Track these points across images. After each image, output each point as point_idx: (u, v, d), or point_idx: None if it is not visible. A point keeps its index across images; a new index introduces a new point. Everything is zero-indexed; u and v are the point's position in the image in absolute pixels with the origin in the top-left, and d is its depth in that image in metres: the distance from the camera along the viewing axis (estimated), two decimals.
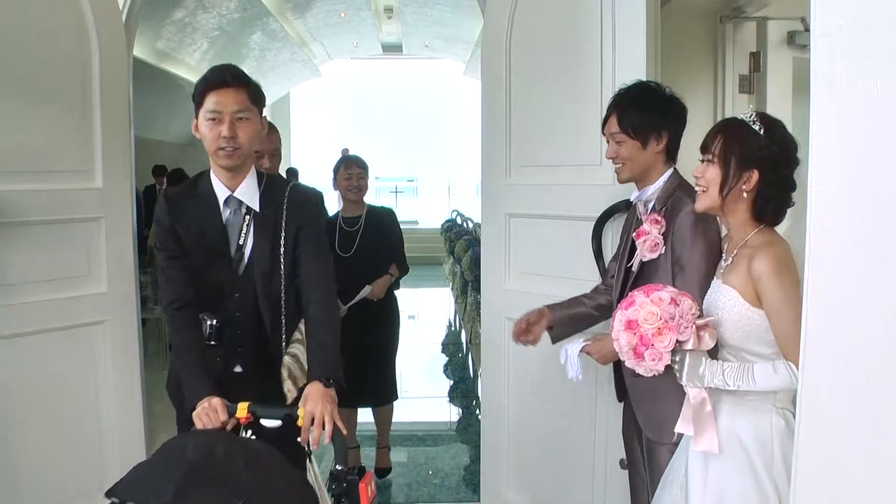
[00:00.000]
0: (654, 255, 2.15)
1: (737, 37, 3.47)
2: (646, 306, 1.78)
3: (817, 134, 1.15)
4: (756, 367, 1.78)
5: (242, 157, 2.11)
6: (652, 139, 2.19)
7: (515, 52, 3.02)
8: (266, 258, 2.15)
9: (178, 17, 8.97)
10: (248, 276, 2.16)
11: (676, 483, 1.97)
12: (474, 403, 5.59)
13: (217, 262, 2.14)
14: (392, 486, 3.99)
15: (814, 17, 1.14)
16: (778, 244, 1.81)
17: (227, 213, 2.16)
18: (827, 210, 1.15)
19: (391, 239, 3.94)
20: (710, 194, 1.86)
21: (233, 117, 2.04)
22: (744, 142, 1.81)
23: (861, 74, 1.08)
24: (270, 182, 2.22)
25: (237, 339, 2.18)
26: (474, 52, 12.58)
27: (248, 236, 2.15)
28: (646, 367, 1.81)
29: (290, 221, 2.16)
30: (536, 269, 3.03)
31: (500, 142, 3.10)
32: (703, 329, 1.81)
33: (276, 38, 12.16)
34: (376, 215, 3.92)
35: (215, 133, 2.04)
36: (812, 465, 1.23)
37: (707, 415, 1.85)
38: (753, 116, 1.84)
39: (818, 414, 1.22)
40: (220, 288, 2.16)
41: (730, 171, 1.81)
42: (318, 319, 2.12)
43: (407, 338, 8.36)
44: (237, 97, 2.06)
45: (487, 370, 3.32)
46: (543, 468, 3.06)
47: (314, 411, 1.87)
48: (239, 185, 2.15)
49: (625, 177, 2.27)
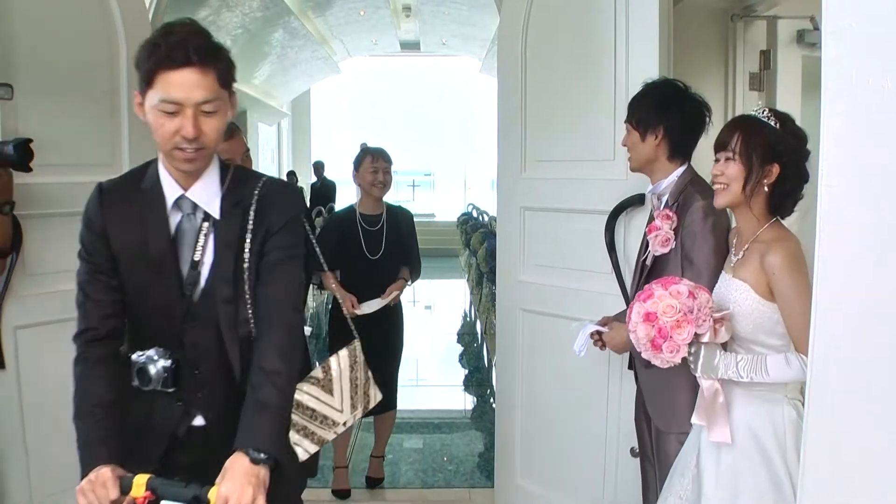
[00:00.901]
0: (665, 250, 2.18)
1: (747, 35, 3.48)
2: (664, 299, 1.80)
3: (828, 131, 1.14)
4: (769, 359, 1.81)
5: (207, 158, 1.59)
6: (649, 133, 2.26)
7: (531, 50, 3.06)
8: (228, 279, 1.61)
9: (202, 15, 9.09)
10: (207, 301, 1.62)
11: (687, 474, 1.99)
12: (489, 392, 5.63)
13: (163, 282, 1.61)
14: (408, 472, 4.06)
15: (825, 15, 1.14)
16: (790, 239, 1.84)
17: (176, 217, 1.62)
18: (837, 206, 1.15)
19: (409, 241, 3.77)
20: (731, 190, 1.88)
21: (197, 110, 1.50)
22: (763, 137, 1.84)
23: (871, 72, 1.07)
24: (238, 178, 1.67)
25: (197, 382, 1.64)
26: (490, 49, 12.60)
27: (207, 249, 1.61)
28: (663, 358, 1.83)
29: (259, 227, 1.63)
30: (551, 262, 3.06)
31: (516, 137, 3.14)
32: (719, 322, 1.83)
33: (297, 36, 12.27)
34: (395, 214, 3.75)
35: (171, 129, 1.50)
36: (819, 455, 1.23)
37: (720, 406, 1.87)
38: (767, 112, 1.88)
39: (826, 407, 1.21)
40: (169, 316, 1.62)
41: (752, 167, 1.84)
42: (267, 368, 1.55)
43: (424, 328, 8.52)
44: (204, 82, 1.49)
45: (502, 360, 3.37)
46: (556, 456, 3.09)
47: (229, 496, 1.37)
48: (194, 184, 1.61)
49: (632, 166, 2.38)
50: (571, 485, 3.04)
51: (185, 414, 1.67)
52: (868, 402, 1.13)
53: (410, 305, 9.80)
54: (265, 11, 10.25)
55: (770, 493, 1.81)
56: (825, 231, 1.17)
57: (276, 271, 1.63)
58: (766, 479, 1.82)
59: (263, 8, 10.07)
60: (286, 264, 1.64)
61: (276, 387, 1.54)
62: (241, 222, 1.62)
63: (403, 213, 3.84)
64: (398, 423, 4.80)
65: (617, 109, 2.70)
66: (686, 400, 2.14)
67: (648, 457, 2.42)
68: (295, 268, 1.66)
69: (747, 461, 1.85)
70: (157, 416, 1.66)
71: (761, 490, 1.82)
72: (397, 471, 4.08)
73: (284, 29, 11.53)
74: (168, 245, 1.61)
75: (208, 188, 1.63)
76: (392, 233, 3.67)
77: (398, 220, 3.74)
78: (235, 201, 1.63)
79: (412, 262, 3.75)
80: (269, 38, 11.69)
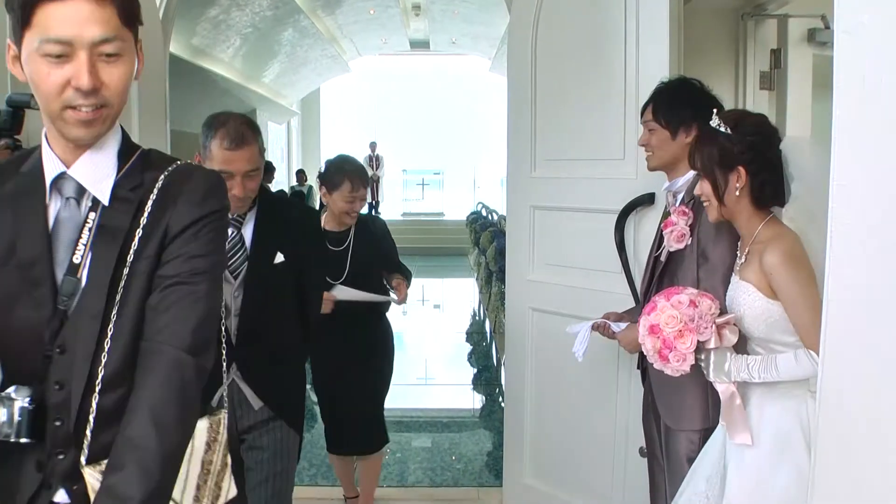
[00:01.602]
0: (681, 246, 2.18)
1: (758, 34, 3.46)
2: (666, 310, 1.84)
3: (839, 130, 1.14)
4: (779, 357, 1.82)
5: (109, 122, 1.19)
6: (681, 131, 2.25)
7: (541, 49, 3.06)
8: (102, 287, 1.16)
9: (212, 14, 9.14)
10: (80, 319, 1.17)
11: (716, 474, 1.98)
12: (497, 391, 5.63)
13: (33, 294, 1.17)
14: (417, 471, 4.07)
15: (837, 14, 1.14)
16: (786, 236, 1.85)
17: (56, 204, 1.21)
18: (848, 206, 1.15)
19: (385, 251, 3.29)
20: (713, 205, 1.93)
21: (93, 53, 1.12)
22: (718, 147, 1.88)
23: (884, 71, 1.07)
24: (148, 159, 1.27)
25: (59, 437, 1.17)
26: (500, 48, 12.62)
27: (88, 249, 1.18)
28: (672, 367, 1.87)
29: (155, 223, 1.19)
30: (560, 261, 3.06)
31: (526, 136, 3.14)
32: (723, 327, 1.85)
33: (307, 35, 12.31)
34: (365, 229, 3.19)
35: (58, 80, 1.11)
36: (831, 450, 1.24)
37: (738, 408, 1.88)
38: (717, 120, 1.91)
39: (837, 403, 1.22)
40: (34, 339, 1.17)
41: (717, 179, 1.89)
42: (131, 436, 1.09)
43: (432, 327, 8.52)
44: (100, 14, 1.11)
45: (511, 359, 3.38)
46: (564, 455, 3.10)
47: None
48: (79, 157, 1.20)
49: (653, 164, 2.35)
50: (580, 484, 3.05)
51: (42, 485, 1.18)
52: (879, 398, 1.13)
53: (419, 304, 9.84)
54: (275, 10, 10.29)
55: (797, 492, 1.80)
56: (836, 229, 1.17)
57: (172, 293, 1.17)
58: (794, 479, 1.81)
59: (273, 7, 10.12)
60: (188, 284, 1.18)
61: (139, 468, 1.07)
62: (135, 212, 1.19)
63: (373, 221, 3.43)
64: (407, 421, 4.84)
65: (627, 108, 2.71)
66: (696, 398, 2.15)
67: (657, 456, 2.41)
68: (200, 291, 1.19)
69: (772, 464, 1.85)
70: (4, 483, 1.19)
71: (788, 490, 1.82)
72: (406, 469, 4.09)
73: (294, 28, 11.58)
74: (44, 243, 1.18)
75: (100, 164, 1.21)
76: (361, 252, 3.13)
77: (368, 231, 3.21)
78: (133, 185, 1.21)
79: (396, 270, 3.30)
80: (278, 36, 11.74)
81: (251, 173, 2.07)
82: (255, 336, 2.16)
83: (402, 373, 6.20)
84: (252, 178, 2.08)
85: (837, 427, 1.22)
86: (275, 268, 2.17)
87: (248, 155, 2.05)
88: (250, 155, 2.05)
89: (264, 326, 2.17)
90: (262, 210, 2.18)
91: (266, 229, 2.17)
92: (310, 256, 2.35)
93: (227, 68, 10.93)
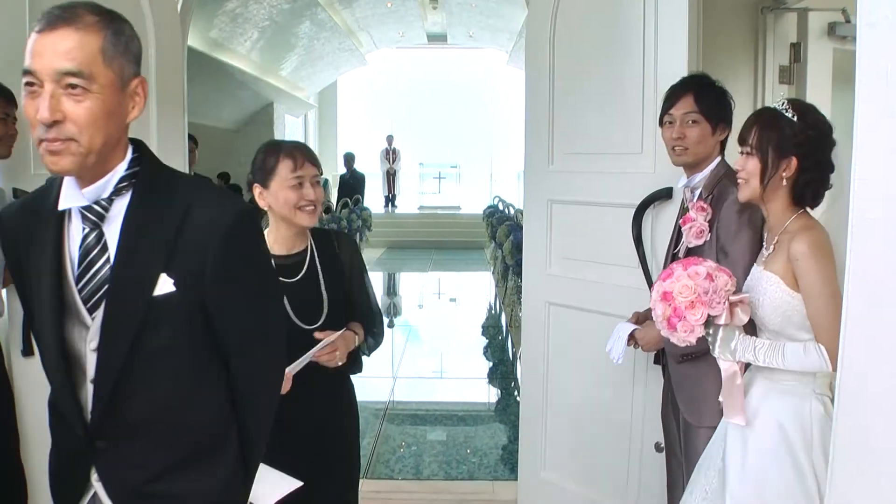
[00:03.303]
0: (700, 242, 2.18)
1: (777, 28, 3.42)
2: (682, 279, 1.82)
3: (861, 123, 1.14)
4: (788, 345, 1.81)
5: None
6: (720, 127, 2.23)
7: (559, 42, 3.05)
8: None
9: (230, 7, 9.17)
10: None
11: (713, 468, 1.99)
12: (513, 385, 5.63)
13: None
14: (432, 464, 4.08)
15: (860, 7, 1.13)
16: (816, 228, 1.84)
17: None
18: (870, 199, 1.14)
19: (352, 285, 2.24)
20: (751, 185, 1.90)
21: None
22: (779, 130, 1.84)
23: None
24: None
25: None
26: (517, 41, 12.58)
27: None
28: (678, 337, 1.85)
29: None
30: (577, 255, 3.05)
31: (543, 130, 3.12)
32: (736, 305, 1.84)
33: (324, 28, 12.33)
34: (326, 242, 2.22)
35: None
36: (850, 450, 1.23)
37: (738, 388, 1.88)
38: (786, 104, 1.87)
39: (856, 400, 1.21)
40: None
41: (768, 161, 1.85)
42: None
43: (448, 320, 8.53)
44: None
45: (527, 353, 3.36)
46: (580, 449, 3.09)
47: None
48: None
49: (683, 160, 2.27)
50: (596, 479, 3.04)
51: None
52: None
53: (435, 298, 9.86)
54: (292, 3, 10.32)
55: (796, 488, 1.81)
56: (857, 223, 1.17)
57: None
58: (792, 475, 1.81)
59: (290, 0, 10.14)
60: None
61: None
62: None
63: (337, 237, 2.29)
64: (423, 414, 4.86)
65: (645, 102, 2.70)
66: (716, 394, 2.14)
67: (675, 452, 2.41)
68: None
69: (774, 456, 1.84)
70: None
71: (787, 485, 1.82)
72: (421, 462, 4.10)
73: (311, 21, 11.60)
74: None
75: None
76: (332, 280, 2.17)
77: (330, 252, 2.21)
78: None
79: (364, 316, 2.26)
80: (295, 29, 11.76)
81: None
82: (124, 427, 1.32)
83: (417, 366, 6.27)
84: None
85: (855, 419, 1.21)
86: (155, 302, 1.28)
87: None
88: None
89: (138, 412, 1.32)
90: (138, 195, 1.30)
91: (140, 230, 1.29)
92: (234, 288, 1.35)
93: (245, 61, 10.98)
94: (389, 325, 8.20)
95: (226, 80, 10.33)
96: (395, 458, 4.13)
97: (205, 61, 9.36)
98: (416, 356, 6.69)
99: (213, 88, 9.81)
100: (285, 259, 2.12)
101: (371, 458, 4.09)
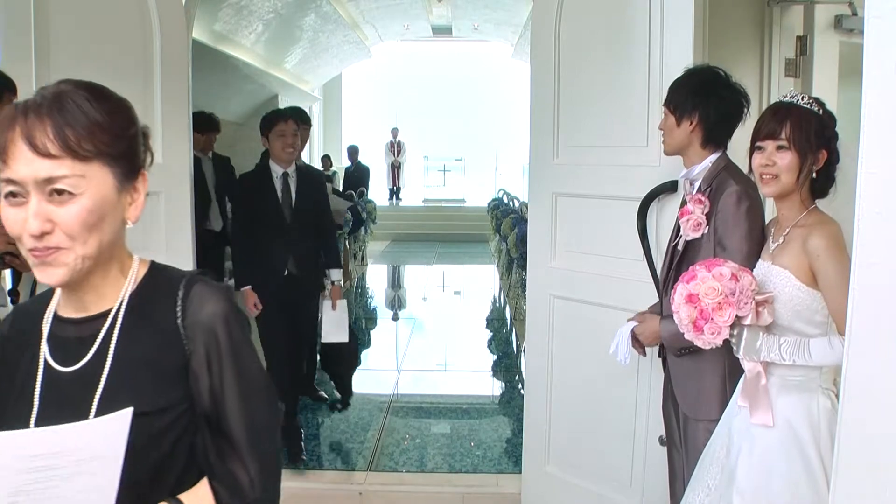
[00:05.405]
0: (697, 235, 2.19)
1: (784, 20, 3.40)
2: (707, 281, 1.81)
3: (869, 117, 1.13)
4: (812, 341, 1.81)
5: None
6: (684, 119, 2.26)
7: (564, 35, 3.05)
8: None
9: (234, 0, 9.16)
10: None
11: (716, 463, 1.99)
12: (517, 378, 5.64)
13: None
14: (436, 457, 4.09)
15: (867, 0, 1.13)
16: (832, 223, 1.84)
17: None
18: (877, 193, 1.14)
19: None
20: (782, 181, 1.88)
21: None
22: (814, 124, 1.85)
23: None
24: None
25: None
26: (523, 34, 12.54)
27: None
28: (704, 340, 1.85)
29: None
30: (582, 248, 3.06)
31: (548, 123, 3.13)
32: (762, 305, 1.84)
33: (328, 21, 12.30)
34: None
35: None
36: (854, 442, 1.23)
37: (763, 389, 1.88)
38: (808, 99, 1.88)
39: (862, 392, 1.21)
40: None
41: (808, 155, 1.85)
42: None
43: (452, 313, 8.54)
44: None
45: (531, 346, 3.37)
46: (584, 443, 3.10)
47: None
48: None
49: (665, 149, 2.38)
50: (599, 471, 3.06)
51: None
52: None
53: (439, 290, 9.87)
54: None
55: (804, 482, 1.81)
56: (865, 217, 1.16)
57: None
58: (800, 470, 1.82)
59: None
60: None
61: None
62: None
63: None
64: (427, 407, 4.88)
65: (651, 95, 2.70)
66: (715, 387, 2.16)
67: (676, 445, 2.42)
68: None
69: (782, 451, 1.85)
70: None
71: (795, 480, 1.82)
72: (425, 455, 4.11)
73: (316, 13, 11.57)
74: None
75: None
76: None
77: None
78: None
79: None
80: (300, 22, 11.73)
81: None
82: None
83: (421, 359, 6.27)
84: None
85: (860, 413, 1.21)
86: None
87: None
88: None
89: None
90: None
91: None
92: None
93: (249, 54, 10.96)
94: (394, 318, 8.21)
95: (230, 72, 10.31)
96: (400, 451, 4.13)
97: (209, 54, 9.34)
98: (420, 349, 6.71)
99: (218, 81, 9.79)
100: None
101: (375, 451, 4.10)
